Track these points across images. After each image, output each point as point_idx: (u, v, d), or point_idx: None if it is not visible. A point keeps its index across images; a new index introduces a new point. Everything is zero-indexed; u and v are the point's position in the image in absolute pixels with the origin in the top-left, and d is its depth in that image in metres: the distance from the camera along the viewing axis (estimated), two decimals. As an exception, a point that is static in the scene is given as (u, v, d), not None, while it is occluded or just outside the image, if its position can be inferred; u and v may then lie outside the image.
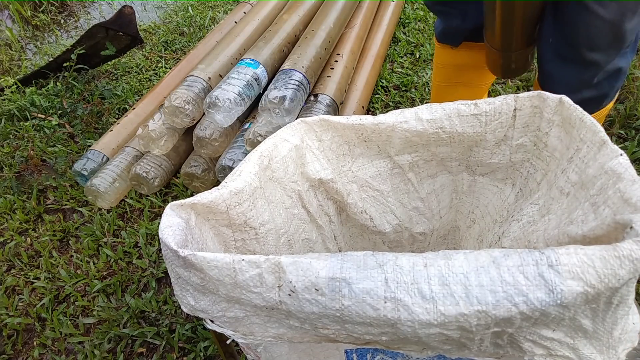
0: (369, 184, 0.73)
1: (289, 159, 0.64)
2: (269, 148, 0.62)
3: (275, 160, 0.62)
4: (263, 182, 0.61)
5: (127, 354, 1.03)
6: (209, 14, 2.28)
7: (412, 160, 0.69)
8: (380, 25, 1.73)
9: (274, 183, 0.64)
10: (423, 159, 0.69)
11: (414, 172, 0.72)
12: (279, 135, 0.63)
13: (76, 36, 2.44)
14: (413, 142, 0.66)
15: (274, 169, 0.63)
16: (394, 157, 0.70)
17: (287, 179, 0.65)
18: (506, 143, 0.63)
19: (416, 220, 0.77)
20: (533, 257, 0.36)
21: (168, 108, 1.24)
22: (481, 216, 0.73)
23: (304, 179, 0.68)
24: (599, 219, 0.42)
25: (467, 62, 1.04)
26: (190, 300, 0.47)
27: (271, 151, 0.62)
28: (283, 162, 0.64)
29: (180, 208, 0.50)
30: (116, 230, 1.31)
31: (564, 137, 0.54)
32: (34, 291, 1.19)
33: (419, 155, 0.69)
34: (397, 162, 0.70)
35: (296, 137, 0.65)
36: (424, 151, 0.68)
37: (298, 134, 0.65)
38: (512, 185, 0.66)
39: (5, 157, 1.60)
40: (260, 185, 0.60)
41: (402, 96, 1.59)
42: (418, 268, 0.38)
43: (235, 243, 0.60)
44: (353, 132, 0.67)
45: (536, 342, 0.38)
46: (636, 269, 0.35)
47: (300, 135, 0.65)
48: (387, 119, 0.64)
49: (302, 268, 0.40)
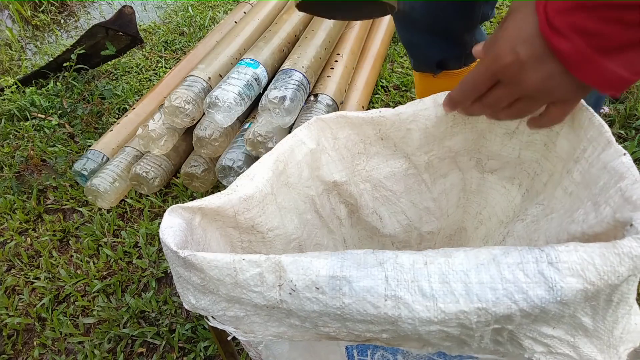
0: (382, 184, 0.72)
1: (304, 164, 0.63)
2: (285, 152, 0.60)
3: (290, 165, 0.61)
4: (276, 188, 0.60)
5: (127, 354, 1.03)
6: (209, 14, 2.29)
7: (428, 159, 0.69)
8: (380, 25, 1.74)
9: (288, 189, 0.63)
10: (438, 157, 0.69)
11: (429, 173, 0.71)
12: (296, 136, 0.62)
13: (76, 36, 2.44)
14: (431, 135, 0.66)
15: (289, 175, 0.62)
16: (410, 157, 0.70)
17: (301, 184, 0.65)
18: (517, 137, 0.63)
19: (426, 219, 0.77)
20: (533, 254, 0.36)
21: (168, 108, 1.24)
22: (488, 217, 0.73)
23: (319, 182, 0.67)
24: (599, 217, 0.43)
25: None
26: (192, 299, 0.47)
27: (287, 156, 0.61)
28: (298, 167, 0.63)
29: (184, 210, 0.50)
30: (116, 230, 1.31)
31: (572, 138, 0.54)
32: (34, 291, 1.19)
33: (435, 153, 0.68)
34: (413, 161, 0.70)
35: (312, 139, 0.64)
36: (439, 148, 0.68)
37: (315, 135, 0.64)
38: (519, 186, 0.66)
39: (5, 157, 1.60)
40: (272, 192, 0.59)
41: (402, 96, 1.59)
42: (418, 266, 0.38)
43: (242, 244, 0.60)
44: (371, 127, 0.66)
45: (536, 339, 0.39)
46: (636, 266, 0.35)
47: (316, 136, 0.64)
48: (407, 109, 0.64)
49: (302, 267, 0.40)
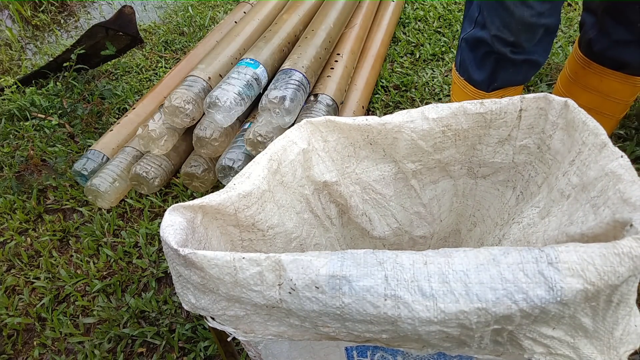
0: (372, 187, 0.73)
1: (297, 163, 0.64)
2: (278, 152, 0.61)
3: (284, 164, 0.62)
4: (272, 186, 0.61)
5: (127, 353, 1.03)
6: (209, 14, 2.28)
7: (416, 168, 0.69)
8: (380, 25, 1.73)
9: (284, 187, 0.63)
10: (427, 167, 0.69)
11: (417, 179, 0.72)
12: (287, 137, 0.63)
13: (76, 36, 2.44)
14: (418, 147, 0.66)
15: (283, 174, 0.62)
16: (398, 163, 0.70)
17: (295, 183, 0.65)
18: (510, 143, 0.63)
19: (417, 224, 0.77)
20: (533, 254, 0.36)
21: (168, 108, 1.24)
22: (482, 219, 0.73)
23: (310, 182, 0.68)
24: (599, 218, 0.43)
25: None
26: (191, 299, 0.47)
27: (280, 155, 0.61)
28: (292, 166, 0.63)
29: (185, 208, 0.50)
30: (116, 230, 1.31)
31: (567, 140, 0.54)
32: (34, 291, 1.19)
33: (423, 163, 0.69)
34: (401, 168, 0.70)
35: (304, 140, 0.64)
36: (428, 159, 0.68)
37: (305, 136, 0.65)
38: (513, 189, 0.67)
39: (5, 157, 1.60)
40: (269, 189, 0.60)
41: (402, 96, 1.59)
42: (418, 266, 0.38)
43: (242, 242, 0.60)
44: (359, 133, 0.67)
45: (536, 340, 0.39)
46: (636, 267, 0.35)
47: (307, 137, 0.65)
48: (393, 119, 0.64)
49: (302, 266, 0.40)
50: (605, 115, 0.97)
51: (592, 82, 0.92)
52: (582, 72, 0.93)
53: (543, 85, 1.53)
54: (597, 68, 0.90)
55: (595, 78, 0.91)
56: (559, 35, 1.75)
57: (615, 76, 0.88)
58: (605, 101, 0.94)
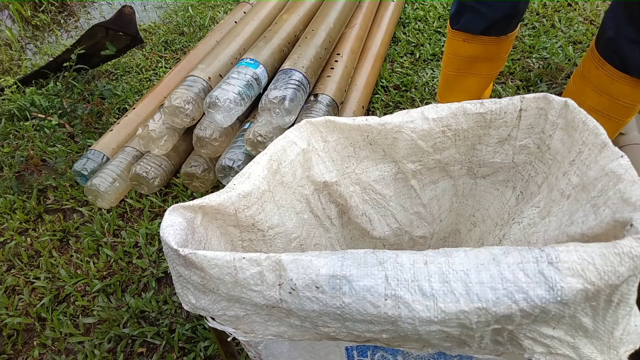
0: (371, 187, 0.73)
1: (296, 163, 0.64)
2: (278, 152, 0.61)
3: (284, 164, 0.62)
4: (272, 186, 0.61)
5: (127, 354, 1.03)
6: (209, 14, 2.29)
7: (416, 168, 0.70)
8: (380, 25, 1.74)
9: (284, 188, 0.63)
10: (426, 167, 0.69)
11: (417, 179, 0.72)
12: (287, 137, 0.63)
13: (76, 36, 2.44)
14: (418, 147, 0.66)
15: (283, 174, 0.63)
16: (398, 163, 0.70)
17: (295, 184, 0.65)
18: (510, 143, 0.63)
19: (417, 224, 0.77)
20: (533, 254, 0.36)
21: (168, 108, 1.24)
22: (482, 219, 0.73)
23: (310, 182, 0.68)
24: (599, 218, 0.43)
25: (479, 54, 1.07)
26: (191, 299, 0.47)
27: (280, 155, 0.62)
28: (291, 167, 0.63)
29: (185, 209, 0.50)
30: (116, 230, 1.31)
31: (567, 140, 0.54)
32: (34, 291, 1.19)
33: (423, 163, 0.69)
34: (401, 168, 0.70)
35: (303, 140, 0.65)
36: (428, 159, 0.68)
37: (305, 136, 0.65)
38: (513, 189, 0.67)
39: (5, 157, 1.60)
40: (269, 189, 0.60)
41: (402, 96, 1.59)
42: (418, 265, 0.38)
43: (242, 243, 0.60)
44: (359, 133, 0.67)
45: (536, 339, 0.39)
46: (636, 266, 0.35)
47: (307, 137, 0.65)
48: (393, 119, 0.64)
49: (302, 266, 0.40)
50: (612, 118, 0.98)
51: (604, 83, 0.93)
52: (595, 72, 0.94)
53: (543, 85, 1.53)
54: (610, 70, 0.91)
55: (606, 80, 0.92)
56: (559, 35, 1.75)
57: (626, 80, 0.89)
58: (614, 104, 0.95)
